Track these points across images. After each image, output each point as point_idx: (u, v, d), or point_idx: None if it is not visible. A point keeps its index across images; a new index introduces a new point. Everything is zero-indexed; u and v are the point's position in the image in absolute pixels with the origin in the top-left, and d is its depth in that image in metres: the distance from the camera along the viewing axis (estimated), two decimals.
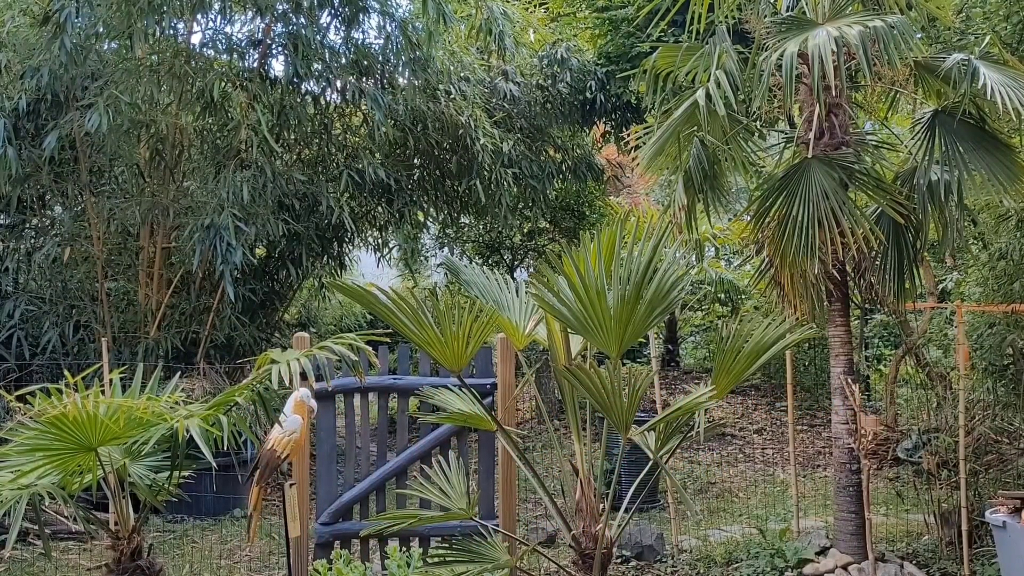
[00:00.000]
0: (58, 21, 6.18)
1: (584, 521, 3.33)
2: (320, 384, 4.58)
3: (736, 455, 8.76)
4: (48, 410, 2.92)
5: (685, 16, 5.79)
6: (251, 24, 7.79)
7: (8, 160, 6.27)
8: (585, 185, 10.01)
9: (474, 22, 8.17)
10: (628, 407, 3.10)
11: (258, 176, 6.95)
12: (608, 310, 3.11)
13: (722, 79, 4.95)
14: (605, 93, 8.88)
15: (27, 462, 3.47)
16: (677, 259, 3.31)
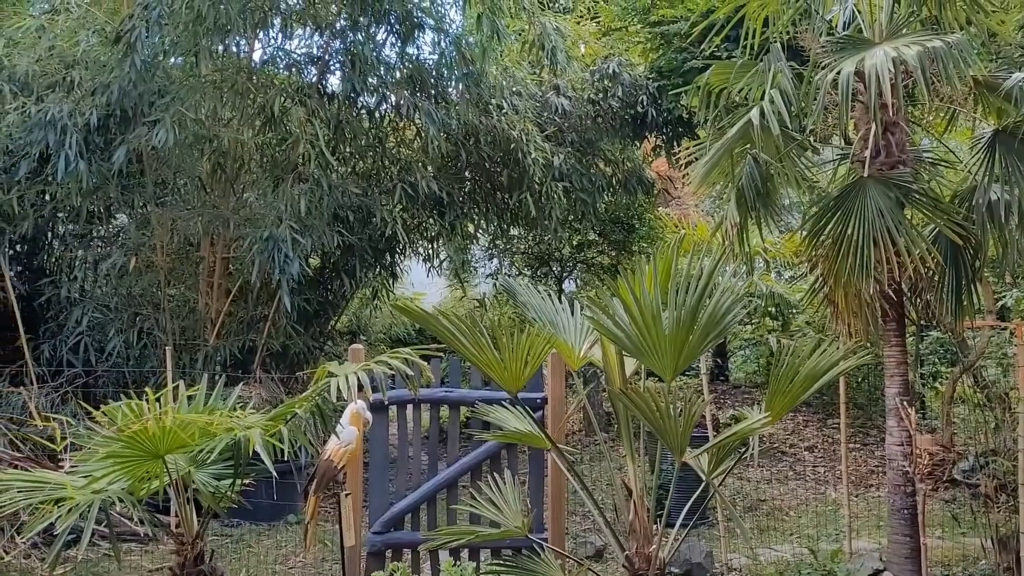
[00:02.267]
0: (129, 40, 6.42)
1: (637, 542, 3.37)
2: (376, 396, 4.69)
3: (787, 472, 8.68)
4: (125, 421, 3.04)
5: (739, 31, 5.80)
6: (310, 40, 8.00)
7: (80, 173, 6.52)
8: (635, 198, 10.03)
9: (527, 37, 8.28)
10: (683, 431, 3.14)
11: (315, 189, 7.12)
12: (663, 334, 3.15)
13: (776, 98, 4.94)
14: (657, 107, 8.90)
15: (99, 468, 3.62)
16: (732, 286, 3.33)
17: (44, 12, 7.60)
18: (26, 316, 7.20)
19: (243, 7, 6.96)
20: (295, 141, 7.20)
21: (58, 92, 6.86)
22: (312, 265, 8.46)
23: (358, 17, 7.61)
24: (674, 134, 9.42)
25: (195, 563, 3.89)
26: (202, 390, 4.25)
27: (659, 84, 8.86)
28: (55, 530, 3.33)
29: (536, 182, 8.17)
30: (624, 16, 9.61)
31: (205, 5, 6.30)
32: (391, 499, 5.12)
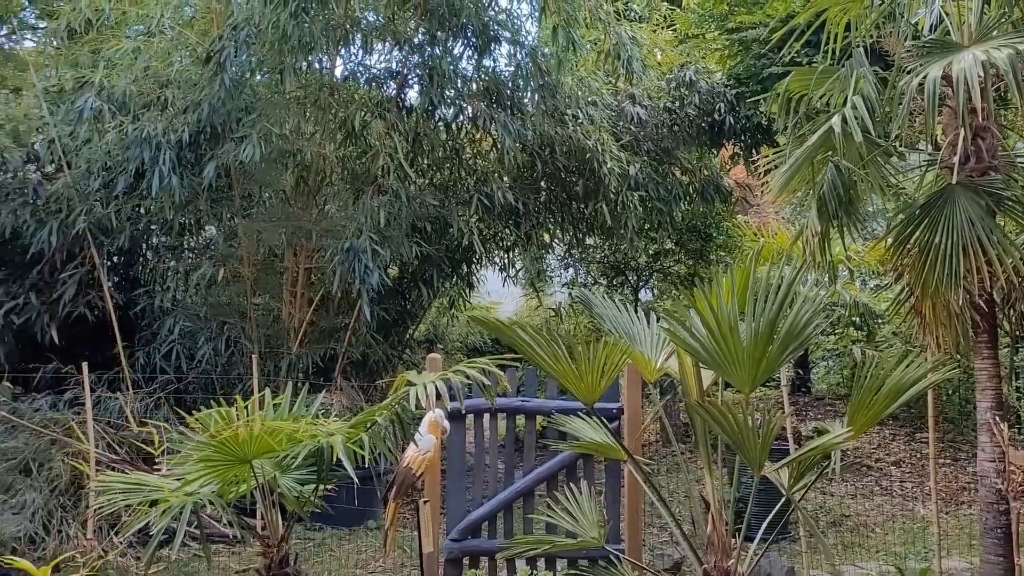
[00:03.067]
0: (219, 60, 6.69)
1: (716, 556, 3.34)
2: (453, 404, 4.76)
3: (872, 487, 8.42)
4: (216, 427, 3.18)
5: (820, 36, 5.69)
6: (389, 56, 8.19)
7: (173, 188, 6.81)
8: (712, 207, 9.91)
9: (602, 47, 8.29)
10: (762, 445, 3.10)
11: (393, 201, 7.27)
12: (741, 347, 3.12)
13: (859, 103, 4.83)
14: (734, 115, 8.79)
15: (191, 471, 3.78)
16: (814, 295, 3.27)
17: (140, 35, 7.97)
18: (122, 324, 7.54)
19: (326, 25, 7.19)
20: (375, 154, 7.36)
21: (153, 111, 7.19)
22: (391, 275, 8.63)
23: (436, 32, 7.75)
24: (752, 141, 9.28)
25: (280, 565, 4.02)
26: (287, 397, 4.39)
27: (737, 91, 8.76)
28: (150, 530, 3.49)
29: (612, 191, 8.16)
30: (701, 23, 9.53)
31: (290, 25, 6.51)
32: (468, 507, 5.18)
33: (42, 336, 7.28)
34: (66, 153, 7.50)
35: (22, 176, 7.76)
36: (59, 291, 7.40)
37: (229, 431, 3.22)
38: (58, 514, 6.01)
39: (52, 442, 6.17)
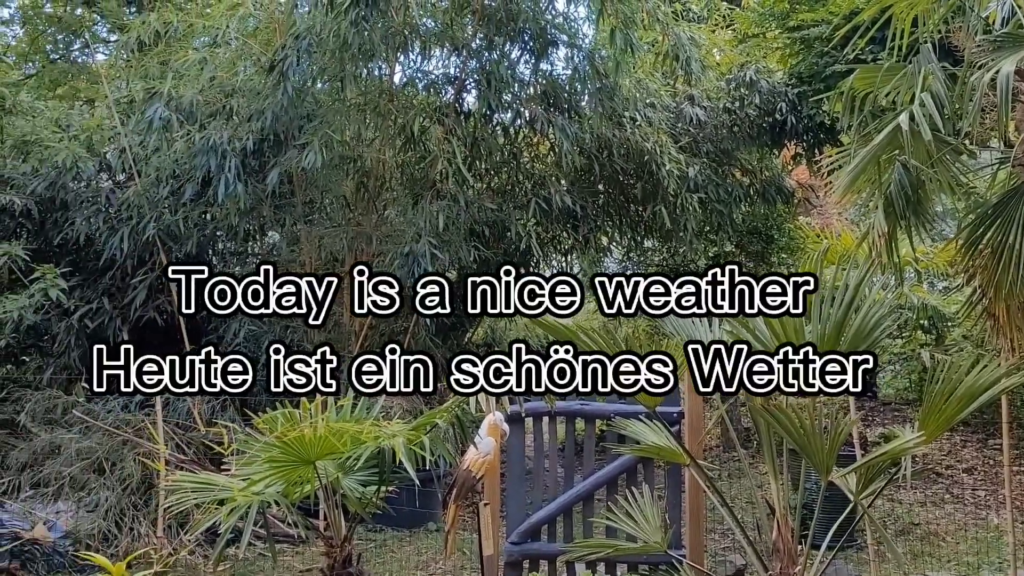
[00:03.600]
0: (282, 69, 6.83)
1: (781, 562, 3.28)
2: (512, 408, 4.77)
3: (943, 495, 8.17)
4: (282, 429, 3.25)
5: (885, 33, 5.55)
6: (447, 61, 8.26)
7: (238, 195, 6.98)
8: (774, 208, 9.75)
9: (660, 49, 8.22)
10: (829, 450, 3.03)
11: (452, 205, 7.32)
12: None
13: (927, 100, 4.70)
14: (796, 114, 8.63)
15: (257, 472, 3.87)
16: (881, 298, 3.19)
17: (206, 46, 8.18)
18: (190, 328, 7.75)
19: (385, 33, 7.28)
20: (433, 159, 7.43)
21: (219, 120, 7.37)
22: (449, 279, 8.69)
23: (493, 37, 7.79)
24: (815, 141, 9.10)
25: (343, 565, 4.08)
26: (348, 400, 4.46)
27: (799, 90, 8.59)
28: (218, 529, 3.58)
29: (670, 193, 8.08)
30: (761, 22, 9.38)
31: (350, 33, 6.61)
32: (528, 510, 5.19)
33: (114, 339, 7.52)
34: (136, 162, 7.75)
35: (95, 185, 8.05)
36: (130, 296, 7.65)
37: (294, 432, 3.28)
38: (130, 512, 6.20)
39: (124, 442, 6.37)
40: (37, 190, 7.64)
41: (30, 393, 7.07)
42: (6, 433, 6.85)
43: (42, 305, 7.10)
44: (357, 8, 6.45)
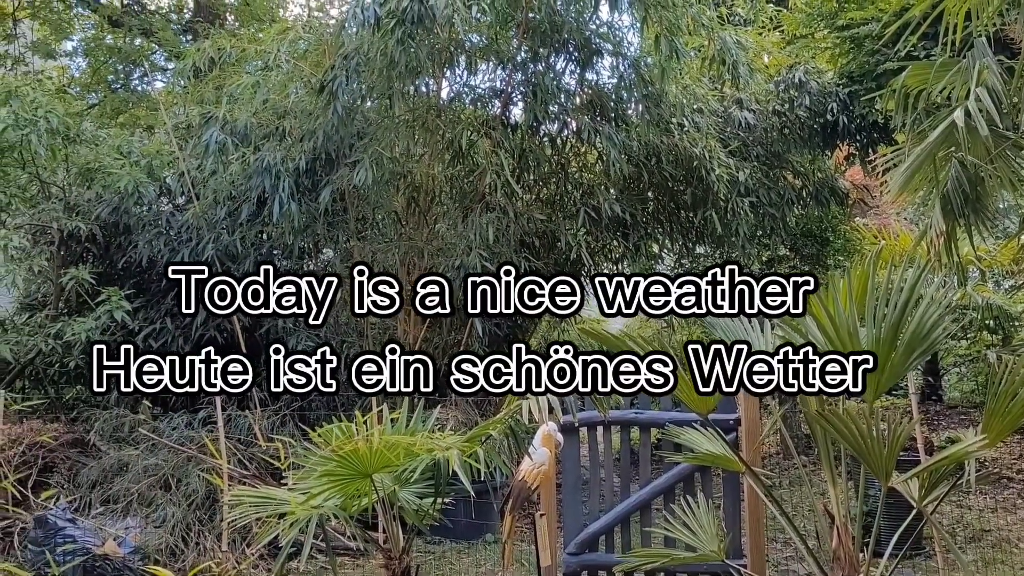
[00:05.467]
0: (331, 90, 6.96)
1: (843, 571, 3.21)
2: (566, 417, 4.77)
3: (1015, 500, 7.91)
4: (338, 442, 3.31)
5: (937, 28, 5.43)
6: (493, 75, 8.33)
7: (292, 214, 7.13)
8: (828, 210, 9.59)
9: (706, 53, 8.17)
10: (888, 455, 2.97)
11: (501, 217, 7.37)
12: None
13: (983, 95, 4.59)
14: (848, 114, 8.49)
15: (316, 485, 3.93)
16: (938, 296, 3.12)
17: (258, 70, 8.39)
18: (249, 345, 7.92)
19: (431, 49, 7.39)
20: (482, 172, 7.49)
21: (272, 141, 7.55)
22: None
23: (538, 49, 7.84)
24: (868, 141, 8.93)
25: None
26: (403, 412, 4.51)
27: (850, 90, 8.45)
28: (279, 543, 3.65)
29: (721, 199, 8.02)
30: (809, 23, 9.26)
31: (397, 51, 6.71)
32: (585, 520, 5.17)
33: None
34: (194, 185, 7.97)
35: (156, 208, 8.30)
36: (191, 316, 7.84)
37: (350, 445, 3.34)
38: (195, 527, 6.35)
39: (188, 459, 6.53)
40: (101, 215, 7.91)
41: (99, 412, 7.30)
42: (77, 452, 7.08)
43: (108, 326, 7.34)
44: (403, 27, 6.55)
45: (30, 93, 7.50)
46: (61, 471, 6.85)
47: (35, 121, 7.23)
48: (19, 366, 7.54)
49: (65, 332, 7.24)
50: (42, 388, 8.06)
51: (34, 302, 8.47)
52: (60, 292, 7.80)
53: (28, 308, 8.41)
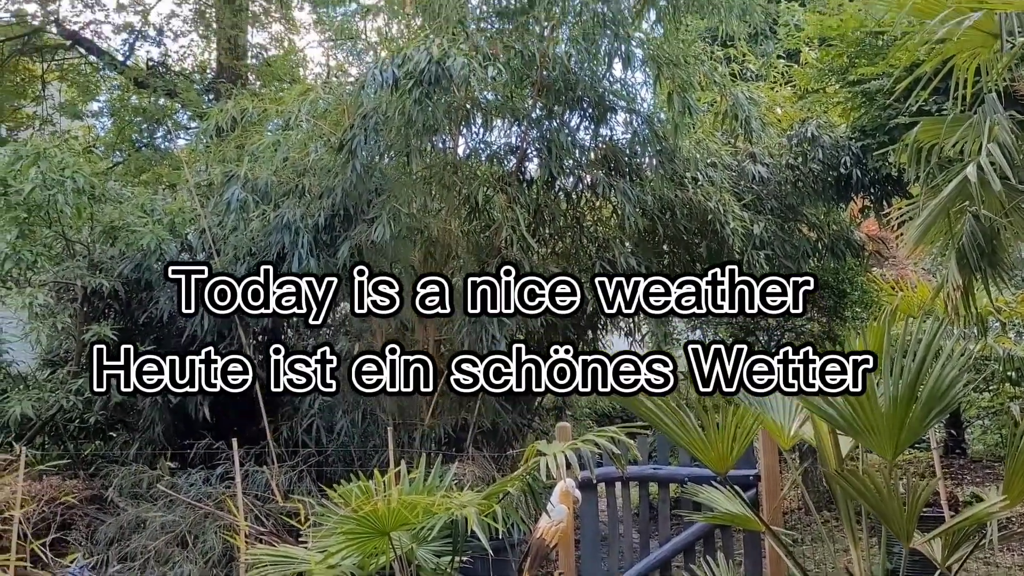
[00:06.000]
0: (350, 148, 7.11)
1: None
2: (584, 474, 4.76)
3: None
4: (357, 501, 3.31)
5: (948, 83, 5.50)
6: (509, 131, 8.47)
7: (311, 269, 7.21)
8: (844, 262, 9.59)
9: (719, 109, 8.29)
10: (908, 515, 2.94)
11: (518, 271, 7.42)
12: (879, 411, 3.00)
13: (995, 151, 4.63)
14: (861, 168, 8.54)
15: (333, 544, 3.93)
16: (958, 353, 3.12)
17: (279, 129, 8.58)
18: (267, 400, 7.95)
19: (448, 108, 7.54)
20: (498, 227, 7.57)
21: (292, 198, 7.67)
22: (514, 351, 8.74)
23: (553, 106, 7.98)
24: (883, 193, 8.97)
25: None
26: (421, 470, 4.51)
27: (863, 143, 8.52)
28: None
29: (736, 251, 8.05)
30: (821, 78, 9.38)
31: (415, 110, 6.86)
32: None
33: (196, 413, 7.76)
34: (215, 241, 8.09)
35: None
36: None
37: (369, 505, 3.35)
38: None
39: (206, 515, 6.52)
40: (124, 272, 8.03)
41: (117, 468, 7.32)
42: (95, 508, 7.09)
43: None
44: (421, 87, 6.69)
45: (57, 154, 7.69)
46: (79, 528, 6.86)
47: (62, 181, 7.41)
48: (40, 422, 7.60)
49: (86, 388, 7.30)
50: (61, 444, 8.10)
51: (56, 358, 8.57)
52: (82, 348, 7.89)
53: (50, 364, 8.50)
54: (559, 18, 7.89)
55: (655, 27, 8.55)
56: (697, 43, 8.79)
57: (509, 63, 7.61)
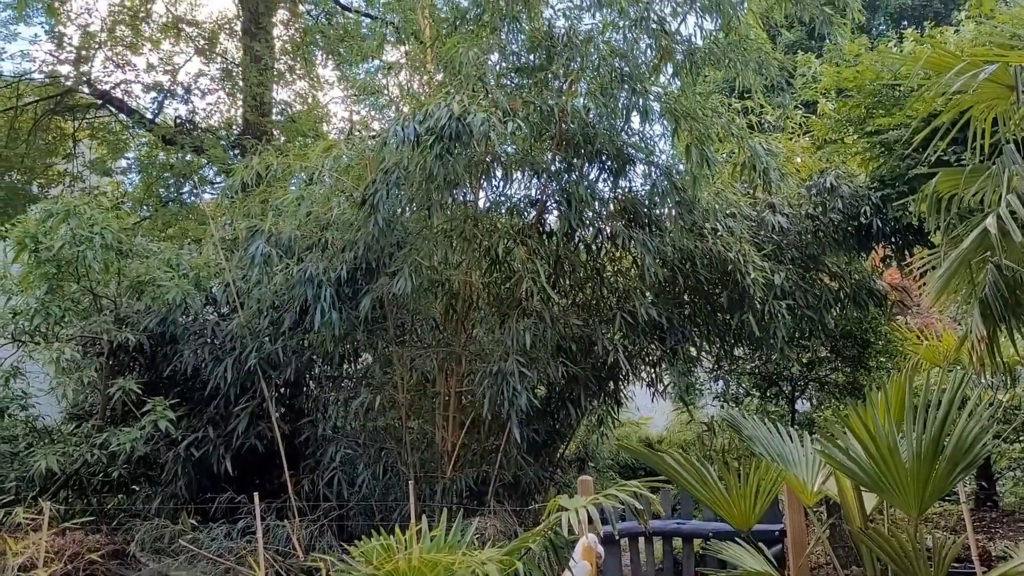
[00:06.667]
0: (372, 202, 7.21)
1: None
2: (606, 529, 4.71)
3: None
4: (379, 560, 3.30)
5: (966, 133, 5.53)
6: (528, 184, 8.57)
7: (333, 322, 7.27)
8: (867, 311, 9.52)
9: (737, 160, 8.35)
10: (935, 574, 2.89)
11: (538, 323, 7.44)
12: (903, 467, 2.97)
13: (1014, 202, 4.62)
14: (882, 217, 8.54)
15: None
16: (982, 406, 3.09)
17: (303, 184, 8.74)
18: (289, 453, 7.97)
19: (468, 162, 7.65)
20: (518, 279, 7.61)
21: (315, 252, 7.78)
22: (538, 396, 8.72)
23: (572, 159, 8.08)
24: (904, 243, 8.94)
25: None
26: (442, 526, 4.49)
27: (882, 193, 8.53)
28: None
29: (757, 301, 8.02)
30: (838, 128, 9.44)
31: (436, 165, 6.97)
32: None
33: (218, 467, 7.79)
34: (239, 295, 8.20)
35: (202, 318, 8.53)
36: (233, 424, 7.94)
37: (391, 564, 3.34)
38: None
39: (227, 571, 6.51)
40: (149, 326, 8.15)
41: (139, 523, 7.34)
42: (117, 563, 7.09)
43: (152, 436, 7.46)
44: (441, 143, 6.81)
45: (87, 211, 7.87)
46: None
47: (91, 237, 7.57)
48: (64, 476, 7.65)
49: (111, 442, 7.36)
50: (85, 498, 8.14)
51: (81, 412, 8.66)
52: (107, 402, 7.97)
53: (75, 418, 8.59)
54: (577, 73, 8.02)
55: (672, 80, 8.67)
56: (714, 95, 8.90)
57: (528, 118, 7.74)
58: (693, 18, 8.42)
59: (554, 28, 8.17)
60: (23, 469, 7.50)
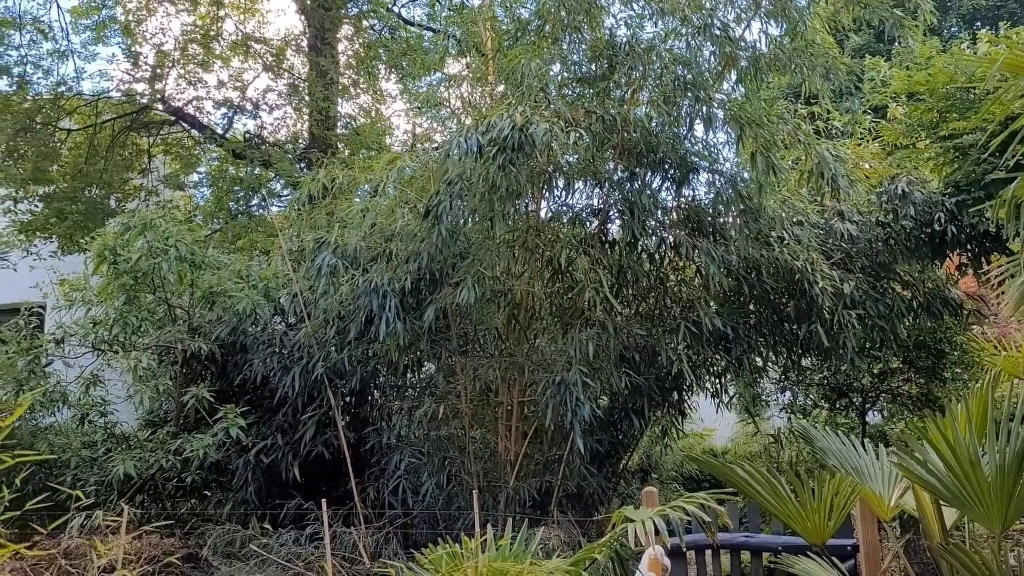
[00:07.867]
0: (436, 213, 7.29)
1: None
2: (673, 541, 4.65)
3: None
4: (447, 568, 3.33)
5: None
6: (591, 194, 8.55)
7: (398, 332, 7.37)
8: (941, 321, 9.23)
9: (804, 167, 8.20)
10: None
11: (601, 333, 7.41)
12: (986, 482, 2.86)
13: None
14: (957, 224, 8.27)
15: None
16: None
17: (367, 196, 8.89)
18: (354, 461, 8.08)
19: (531, 173, 7.67)
20: (581, 289, 7.59)
21: (379, 263, 7.89)
22: (601, 406, 8.67)
23: (635, 168, 8.04)
24: (980, 250, 8.63)
25: None
26: (507, 536, 4.50)
27: (957, 199, 8.26)
28: None
29: (826, 311, 7.85)
30: (910, 133, 9.19)
31: (499, 176, 7.01)
32: None
33: (286, 474, 7.94)
34: (306, 305, 8.37)
35: (270, 328, 8.73)
36: (300, 432, 8.10)
37: (459, 572, 3.36)
38: None
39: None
40: (220, 336, 8.37)
41: (211, 528, 7.52)
42: (190, 567, 7.28)
43: (223, 443, 7.65)
44: (504, 154, 6.85)
45: (162, 224, 8.14)
46: None
47: (166, 250, 7.82)
48: (140, 481, 7.89)
49: (184, 448, 7.58)
50: (159, 502, 8.39)
51: (156, 419, 8.94)
52: (181, 409, 8.21)
53: (151, 424, 8.87)
54: (639, 82, 8.00)
55: (736, 87, 8.58)
56: (780, 101, 8.76)
57: (590, 127, 7.73)
58: (758, 24, 8.33)
59: (616, 37, 8.15)
60: (102, 474, 7.77)
